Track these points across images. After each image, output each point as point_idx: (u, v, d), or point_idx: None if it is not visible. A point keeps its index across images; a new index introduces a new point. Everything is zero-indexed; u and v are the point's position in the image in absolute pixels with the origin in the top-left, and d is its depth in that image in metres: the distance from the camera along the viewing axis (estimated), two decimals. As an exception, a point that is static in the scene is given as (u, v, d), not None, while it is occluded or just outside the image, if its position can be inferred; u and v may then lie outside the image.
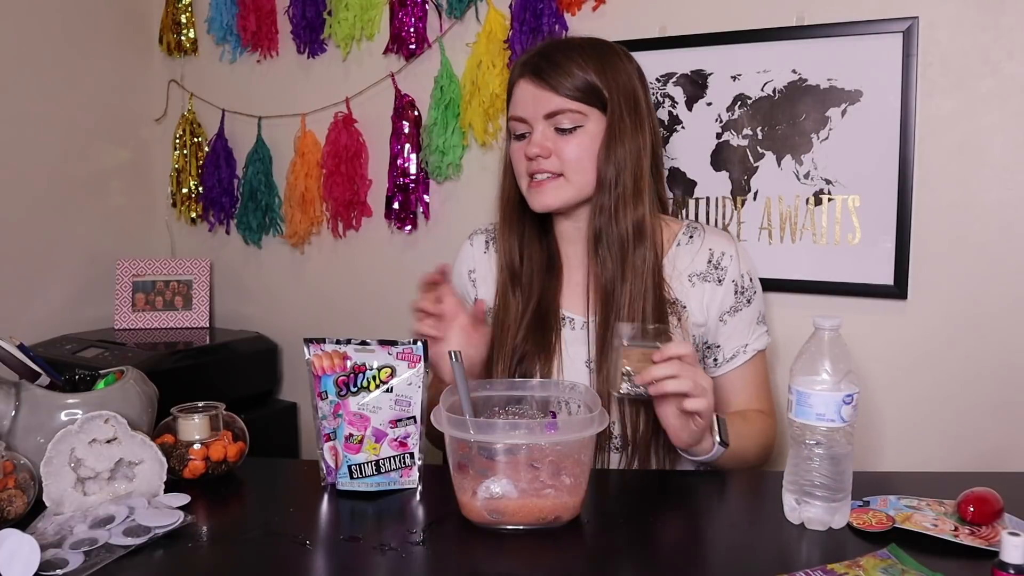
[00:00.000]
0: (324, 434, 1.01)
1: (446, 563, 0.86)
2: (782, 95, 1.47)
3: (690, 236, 1.25)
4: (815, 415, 0.87)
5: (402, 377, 1.00)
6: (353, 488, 0.99)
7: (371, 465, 0.99)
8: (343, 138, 1.91)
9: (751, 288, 1.23)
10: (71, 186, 2.04)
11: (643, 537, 0.89)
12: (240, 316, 2.18)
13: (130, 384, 1.05)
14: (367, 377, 1.00)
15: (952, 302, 1.40)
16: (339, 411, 1.00)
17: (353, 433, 0.99)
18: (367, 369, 1.00)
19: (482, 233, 1.37)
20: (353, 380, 1.00)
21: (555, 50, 1.19)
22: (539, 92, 1.17)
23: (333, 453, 1.01)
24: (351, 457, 0.99)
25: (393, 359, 1.00)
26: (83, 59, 2.04)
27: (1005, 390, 1.38)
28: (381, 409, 1.00)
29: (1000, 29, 1.32)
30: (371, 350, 1.01)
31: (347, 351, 1.00)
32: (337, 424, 1.00)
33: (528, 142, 1.19)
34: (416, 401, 1.01)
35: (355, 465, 0.99)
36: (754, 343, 1.23)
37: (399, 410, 1.00)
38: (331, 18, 1.91)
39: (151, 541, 0.86)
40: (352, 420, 0.99)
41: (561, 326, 1.23)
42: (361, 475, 0.99)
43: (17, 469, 0.92)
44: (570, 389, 1.03)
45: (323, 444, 1.01)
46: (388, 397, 1.00)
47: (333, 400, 1.00)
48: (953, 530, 0.84)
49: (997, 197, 1.36)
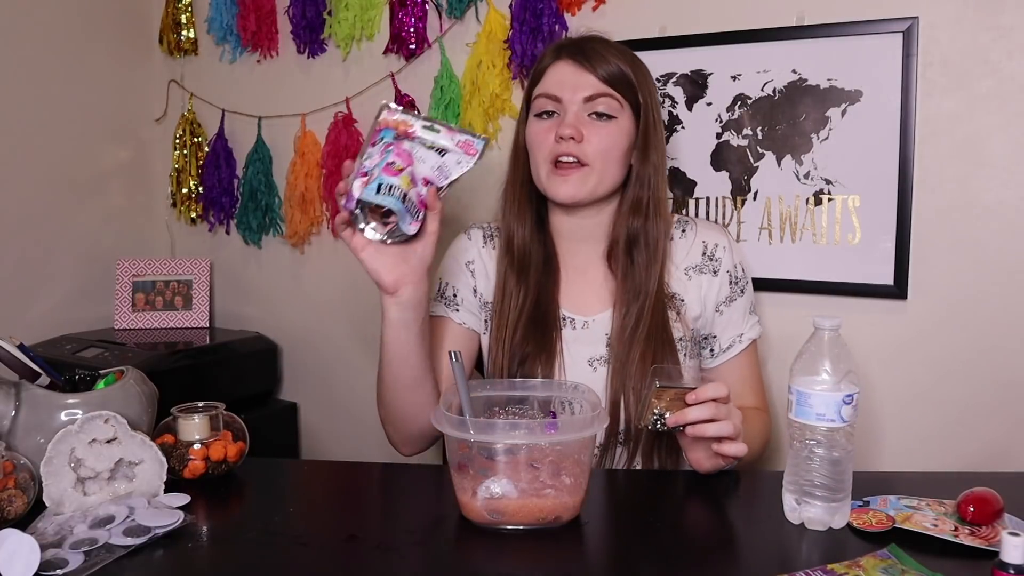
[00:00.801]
0: (361, 172, 1.00)
1: (446, 563, 0.86)
2: (782, 95, 1.47)
3: (683, 230, 1.26)
4: (815, 415, 0.87)
5: (453, 155, 1.02)
6: (374, 200, 0.99)
7: (399, 191, 0.99)
8: (343, 138, 1.91)
9: (744, 278, 1.26)
10: (71, 186, 2.03)
11: (643, 537, 0.89)
12: (240, 316, 2.18)
13: (130, 384, 1.05)
14: (425, 138, 1.02)
15: (952, 302, 1.40)
16: (390, 147, 1.00)
17: (396, 161, 1.00)
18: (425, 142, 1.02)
19: (479, 228, 1.33)
20: (414, 134, 1.01)
21: (595, 43, 1.20)
22: (581, 73, 1.16)
23: (364, 182, 1.00)
24: (387, 177, 0.99)
25: (452, 144, 1.02)
26: (83, 59, 2.04)
27: (1005, 390, 1.38)
28: (425, 163, 1.02)
29: (1000, 29, 1.32)
30: (436, 130, 1.02)
31: (415, 125, 1.01)
32: (382, 158, 1.00)
33: (559, 122, 1.17)
34: (451, 179, 1.04)
35: (387, 185, 0.99)
36: (749, 332, 1.26)
37: (437, 174, 1.03)
38: (331, 18, 1.91)
39: (151, 541, 0.86)
40: (401, 154, 1.00)
41: (561, 326, 1.23)
42: (388, 193, 0.99)
43: (17, 469, 0.92)
44: (573, 389, 1.03)
45: (356, 179, 1.00)
46: (435, 158, 1.02)
47: (389, 140, 1.00)
48: (953, 530, 0.84)
49: (997, 197, 1.36)
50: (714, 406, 0.97)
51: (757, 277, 1.50)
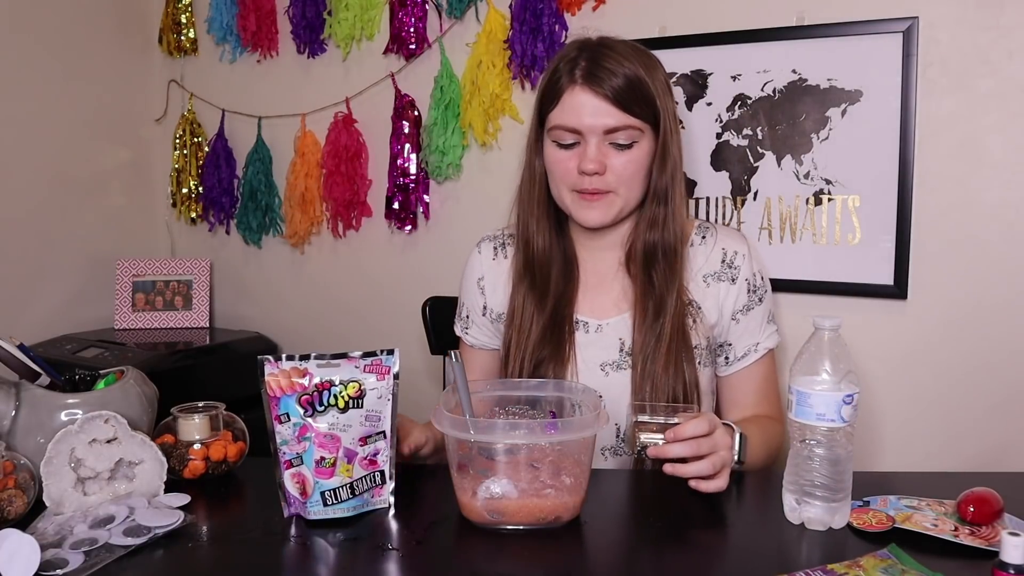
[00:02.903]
0: (285, 461, 0.92)
1: (446, 563, 0.86)
2: (782, 95, 1.47)
3: (703, 236, 1.24)
4: (815, 415, 0.87)
5: (371, 391, 0.93)
6: (327, 516, 0.92)
7: (346, 489, 0.92)
8: (343, 138, 1.91)
9: (763, 286, 1.23)
10: (71, 186, 2.04)
11: (643, 537, 0.89)
12: (240, 316, 2.18)
13: (130, 384, 1.05)
14: (333, 394, 0.91)
15: (952, 302, 1.40)
16: (306, 433, 0.91)
17: (325, 456, 0.91)
18: (332, 385, 0.92)
19: (490, 240, 1.33)
20: (318, 398, 0.91)
21: (609, 58, 1.12)
22: (600, 104, 1.11)
23: (298, 481, 0.92)
24: (324, 483, 0.91)
25: (360, 372, 0.93)
26: (83, 59, 2.04)
27: (1005, 390, 1.38)
28: (352, 427, 0.92)
29: (1000, 29, 1.32)
30: (335, 365, 0.92)
31: (307, 367, 0.92)
32: (304, 448, 0.91)
33: (580, 155, 1.14)
34: (386, 415, 0.94)
35: (329, 491, 0.91)
36: (765, 341, 1.22)
37: (369, 426, 0.93)
38: (331, 18, 1.91)
39: (151, 541, 0.86)
40: (323, 442, 0.91)
41: (575, 330, 1.22)
42: (336, 500, 0.91)
43: (17, 469, 0.92)
44: (582, 392, 1.02)
45: (284, 472, 0.92)
46: (358, 413, 0.92)
47: (297, 422, 0.91)
48: (953, 530, 0.84)
49: (997, 197, 1.36)
50: (695, 443, 0.96)
51: (757, 277, 1.50)
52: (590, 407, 0.95)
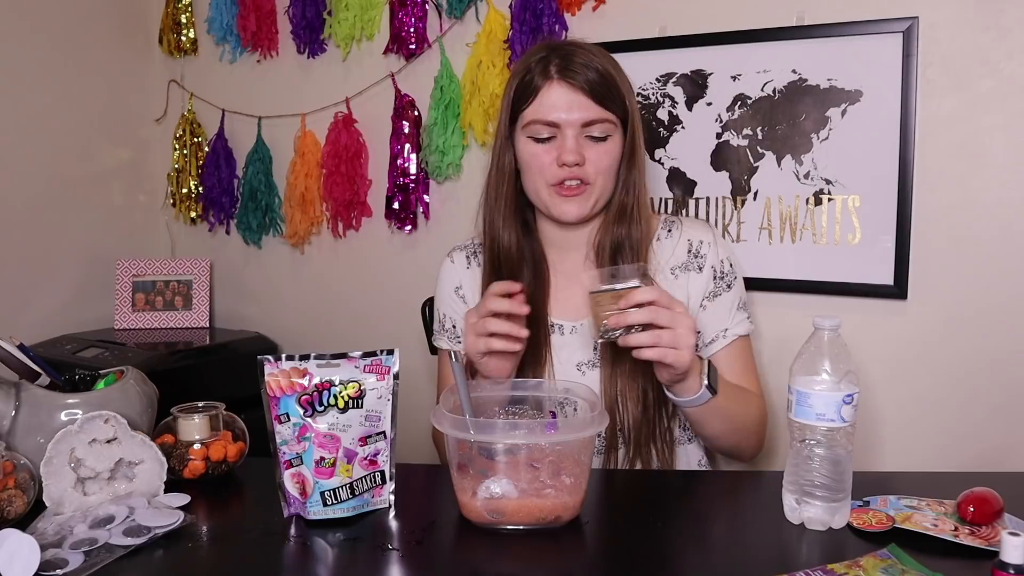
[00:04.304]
0: (285, 461, 0.92)
1: (446, 563, 0.86)
2: (782, 95, 1.47)
3: (668, 230, 1.26)
4: (815, 415, 0.87)
5: (371, 391, 0.93)
6: (327, 516, 0.92)
7: (345, 489, 0.92)
8: (343, 138, 1.91)
9: (731, 273, 1.24)
10: (71, 186, 2.04)
11: (643, 537, 0.89)
12: (240, 316, 2.18)
13: (130, 384, 1.05)
14: (332, 394, 0.92)
15: (951, 302, 1.40)
16: (306, 433, 0.91)
17: (324, 456, 0.91)
18: (332, 385, 0.92)
19: (461, 249, 1.34)
20: (318, 399, 0.92)
21: (580, 55, 1.15)
22: (576, 98, 1.13)
23: (298, 481, 0.92)
24: (323, 483, 0.91)
25: (360, 372, 0.93)
26: (83, 59, 2.04)
27: (1005, 390, 1.38)
28: (351, 427, 0.92)
29: (1000, 29, 1.32)
30: (335, 365, 0.93)
31: (307, 367, 0.92)
32: (304, 448, 0.91)
33: (559, 148, 1.15)
34: (386, 415, 0.94)
35: (328, 491, 0.91)
36: (734, 328, 1.23)
37: (369, 426, 0.93)
38: (331, 18, 1.91)
39: (151, 541, 0.86)
40: (323, 442, 0.91)
41: (550, 332, 1.23)
42: (336, 500, 0.92)
43: (17, 469, 0.92)
44: (568, 390, 1.03)
45: (283, 472, 0.92)
46: (358, 414, 0.93)
47: (297, 422, 0.91)
48: (953, 530, 0.84)
49: (997, 197, 1.36)
50: (652, 310, 0.97)
51: (757, 277, 1.50)
52: (590, 407, 0.95)
